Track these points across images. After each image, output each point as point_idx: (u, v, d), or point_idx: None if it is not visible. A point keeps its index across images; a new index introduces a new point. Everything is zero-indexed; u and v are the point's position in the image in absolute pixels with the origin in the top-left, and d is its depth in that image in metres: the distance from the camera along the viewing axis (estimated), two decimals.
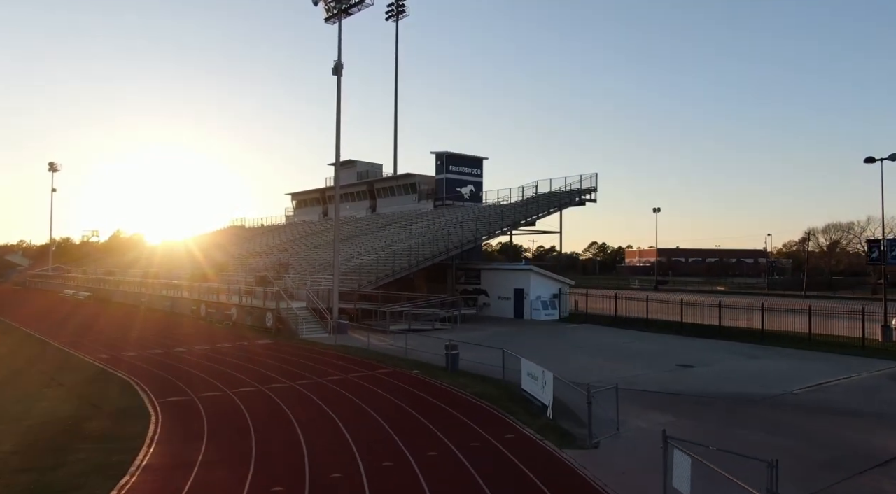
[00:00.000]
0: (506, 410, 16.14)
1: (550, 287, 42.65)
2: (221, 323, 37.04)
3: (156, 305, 47.08)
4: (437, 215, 59.63)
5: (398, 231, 55.36)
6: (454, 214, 57.16)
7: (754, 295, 79.29)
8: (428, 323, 35.95)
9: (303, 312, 33.44)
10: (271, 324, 33.30)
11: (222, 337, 31.79)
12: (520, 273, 42.80)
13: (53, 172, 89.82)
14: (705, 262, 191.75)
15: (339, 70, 35.16)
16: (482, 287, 45.01)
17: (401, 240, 49.81)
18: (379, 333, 33.86)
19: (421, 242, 44.98)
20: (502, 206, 53.80)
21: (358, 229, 63.50)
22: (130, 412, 15.98)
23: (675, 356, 26.05)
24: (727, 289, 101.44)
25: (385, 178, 74.13)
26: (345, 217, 75.85)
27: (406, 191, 69.68)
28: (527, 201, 52.31)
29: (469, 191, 66.40)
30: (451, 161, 65.44)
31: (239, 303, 36.81)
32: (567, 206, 50.27)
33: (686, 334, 33.99)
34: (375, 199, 74.71)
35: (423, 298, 39.60)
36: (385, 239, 52.66)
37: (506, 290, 43.11)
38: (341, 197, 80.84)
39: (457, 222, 52.91)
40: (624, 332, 34.74)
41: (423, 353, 24.78)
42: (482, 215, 52.08)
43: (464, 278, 46.63)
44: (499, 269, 44.74)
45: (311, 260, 51.45)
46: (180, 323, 38.40)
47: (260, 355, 25.76)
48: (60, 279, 75.18)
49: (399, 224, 59.95)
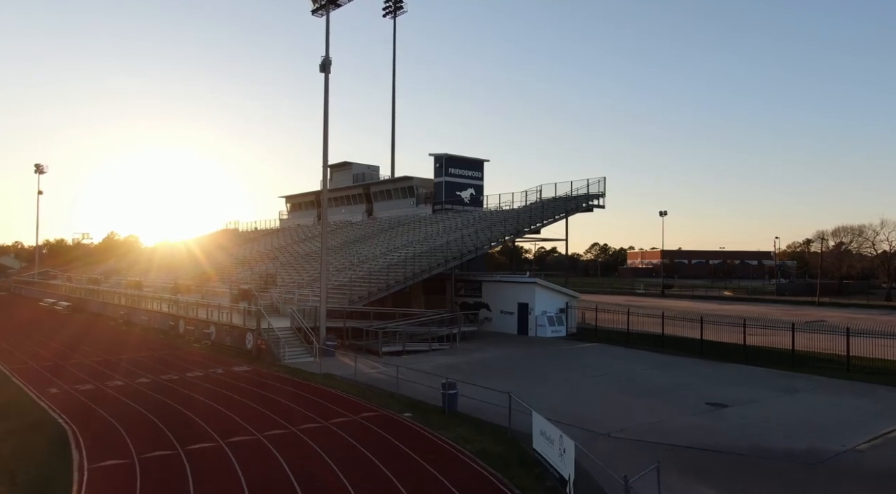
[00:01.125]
0: (514, 482, 13.08)
1: (557, 301, 39.60)
2: (199, 343, 33.99)
3: (134, 319, 44.04)
4: (435, 221, 56.60)
5: (394, 238, 52.33)
6: (454, 220, 54.12)
7: (766, 303, 76.23)
8: (424, 343, 32.92)
9: (286, 333, 30.39)
10: (252, 346, 30.25)
11: (196, 361, 28.73)
12: (524, 286, 39.73)
13: (40, 174, 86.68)
14: (709, 264, 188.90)
15: (327, 67, 32.10)
16: (483, 300, 41.95)
17: (396, 248, 46.78)
18: (370, 355, 30.83)
19: (418, 252, 41.95)
20: (505, 212, 50.74)
21: (353, 235, 60.45)
22: (50, 484, 12.94)
23: (703, 389, 22.99)
24: (734, 295, 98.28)
25: (382, 181, 71.09)
26: (340, 221, 72.85)
27: (404, 195, 66.64)
28: (531, 207, 49.25)
29: (469, 195, 63.38)
30: (451, 163, 62.42)
31: (218, 321, 33.77)
32: (574, 213, 47.22)
33: (708, 356, 30.91)
34: (372, 203, 71.66)
35: (419, 315, 36.57)
36: (380, 246, 49.63)
37: (509, 304, 40.06)
38: (336, 200, 78.04)
39: (456, 229, 49.90)
40: (638, 355, 31.65)
41: (417, 386, 21.76)
42: (483, 222, 49.02)
43: (464, 290, 43.58)
44: (502, 281, 41.66)
45: (301, 270, 48.41)
46: (154, 342, 35.36)
47: (232, 389, 22.70)
48: (43, 286, 72.09)
49: (395, 230, 56.91)
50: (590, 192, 47.48)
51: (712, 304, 74.43)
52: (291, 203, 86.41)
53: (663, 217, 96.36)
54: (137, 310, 44.22)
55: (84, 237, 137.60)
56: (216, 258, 65.97)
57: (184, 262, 68.56)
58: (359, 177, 74.05)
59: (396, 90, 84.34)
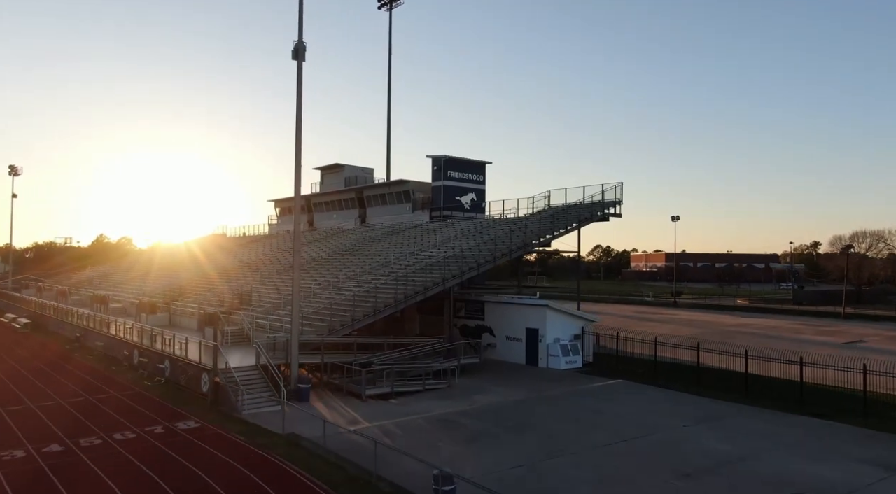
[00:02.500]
0: None
1: (571, 326, 34.37)
2: (151, 381, 28.74)
3: (91, 342, 38.85)
4: (433, 229, 51.35)
5: (387, 249, 47.07)
6: (453, 229, 48.89)
7: (787, 316, 70.75)
8: (417, 382, 27.71)
9: (249, 374, 25.13)
10: (207, 390, 25.00)
11: (135, 412, 23.45)
12: (534, 309, 34.45)
13: (14, 176, 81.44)
14: (714, 268, 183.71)
15: (301, 53, 26.87)
16: (486, 323, 36.72)
17: (388, 262, 41.51)
18: (352, 398, 25.63)
19: (412, 270, 36.65)
20: (511, 221, 45.45)
21: (341, 244, 55.16)
22: None
23: (778, 469, 17.61)
24: (749, 303, 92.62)
25: (375, 185, 65.83)
26: (330, 228, 67.65)
27: (399, 200, 61.38)
28: (539, 215, 43.97)
29: (470, 201, 58.15)
30: (450, 165, 57.18)
31: (173, 355, 28.51)
32: (588, 223, 41.95)
33: (757, 402, 25.57)
34: (365, 208, 66.43)
35: (412, 345, 31.36)
36: (371, 259, 44.37)
37: (516, 329, 34.84)
38: (327, 205, 72.80)
39: (456, 238, 44.70)
40: (676, 399, 26.29)
41: (405, 461, 16.55)
42: (486, 232, 43.78)
43: (464, 311, 38.34)
44: (508, 303, 36.34)
45: (283, 285, 43.00)
46: (100, 377, 30.10)
47: (161, 472, 17.44)
48: (8, 298, 66.80)
49: (389, 240, 51.67)
50: (605, 199, 42.21)
51: (730, 316, 69.14)
52: (281, 207, 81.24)
53: (675, 222, 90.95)
54: (94, 333, 38.98)
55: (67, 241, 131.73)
56: (196, 267, 60.75)
57: (160, 273, 63.34)
58: (351, 181, 68.80)
59: (392, 88, 79.12)
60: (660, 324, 60.26)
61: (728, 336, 49.85)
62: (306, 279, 43.58)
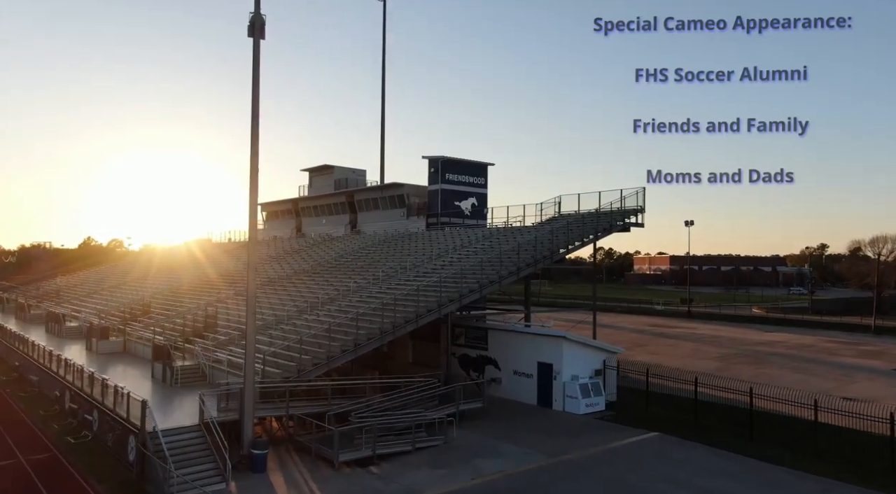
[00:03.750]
0: None
1: (591, 360, 28.83)
2: (76, 438, 23.15)
3: (28, 375, 33.37)
4: (429, 239, 45.84)
5: (377, 262, 41.54)
6: (452, 239, 43.39)
7: (812, 329, 64.83)
8: (406, 439, 22.18)
9: (186, 440, 19.55)
10: (133, 459, 19.44)
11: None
12: (547, 340, 28.84)
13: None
14: (720, 271, 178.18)
15: (257, 29, 21.31)
16: (490, 354, 31.19)
17: (377, 280, 35.95)
18: (321, 468, 20.12)
19: (401, 293, 31.02)
20: (517, 232, 39.89)
21: (328, 255, 49.56)
22: None
23: None
24: (767, 312, 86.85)
25: (367, 188, 60.22)
26: (319, 235, 62.04)
27: (392, 205, 55.83)
28: (550, 225, 38.44)
29: (471, 206, 52.57)
30: (448, 167, 51.64)
31: (102, 404, 22.92)
32: (607, 234, 36.45)
33: (841, 475, 19.94)
34: (356, 214, 60.90)
35: (400, 385, 25.79)
36: (357, 275, 38.82)
37: (526, 363, 29.29)
38: (315, 209, 67.09)
39: (455, 250, 39.21)
40: (735, 469, 20.66)
41: None
42: (490, 244, 38.27)
43: (464, 338, 32.80)
44: (516, 332, 30.70)
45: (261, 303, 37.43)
46: (18, 426, 24.57)
47: None
48: None
49: (380, 250, 46.15)
50: (624, 207, 36.68)
51: (752, 331, 63.35)
52: (268, 211, 75.57)
53: (689, 226, 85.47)
54: (32, 364, 33.43)
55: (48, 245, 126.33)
56: (170, 278, 55.21)
57: (134, 283, 57.89)
58: (341, 183, 63.20)
59: (388, 87, 73.64)
60: (678, 341, 54.83)
61: (759, 359, 44.46)
62: (283, 297, 38.02)
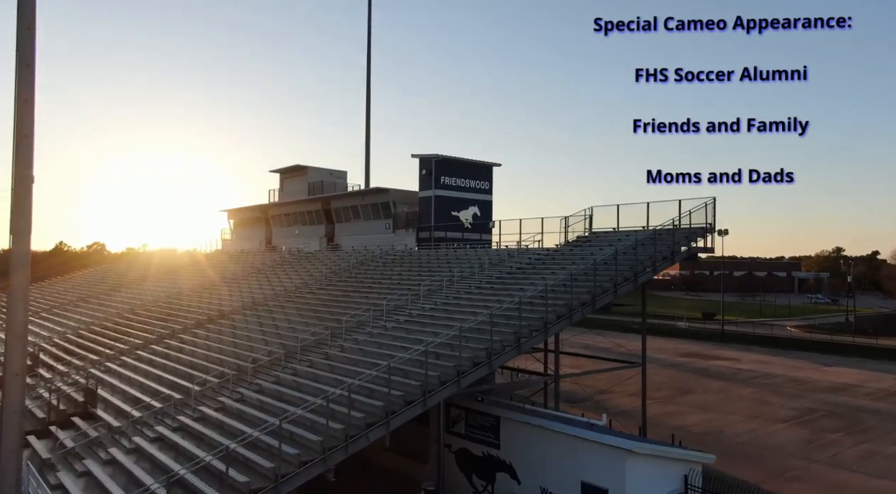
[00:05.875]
0: None
1: (666, 476, 18.25)
2: None
3: None
4: (418, 264, 35.43)
5: (347, 298, 31.01)
6: (448, 266, 32.97)
7: (877, 361, 53.76)
8: None
9: None
10: None
11: None
12: (598, 450, 18.06)
13: None
14: (733, 276, 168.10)
15: None
16: (502, 455, 20.60)
17: (339, 332, 25.30)
18: None
19: (368, 379, 20.30)
20: (538, 260, 29.27)
21: (291, 283, 38.84)
22: None
23: None
24: (810, 335, 74.48)
25: (345, 194, 49.68)
26: (288, 251, 51.56)
27: (376, 214, 45.38)
28: (581, 248, 27.90)
29: (472, 217, 42.22)
30: (444, 169, 41.26)
31: None
32: (665, 266, 26.01)
33: None
34: (333, 224, 50.44)
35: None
36: (319, 319, 28.21)
37: (561, 479, 18.70)
38: (287, 217, 56.41)
39: (451, 284, 28.79)
40: None
41: None
42: (500, 278, 27.75)
43: (464, 424, 22.16)
44: (546, 428, 19.84)
45: (200, 349, 26.82)
46: None
47: None
48: None
49: (354, 277, 35.67)
50: (692, 225, 26.15)
51: (807, 364, 52.33)
52: (235, 219, 65.12)
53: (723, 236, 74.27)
54: None
55: None
56: (103, 304, 44.60)
57: (59, 310, 47.24)
58: (316, 187, 52.70)
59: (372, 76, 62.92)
60: (729, 384, 44.19)
61: (852, 420, 33.86)
62: (220, 346, 27.23)
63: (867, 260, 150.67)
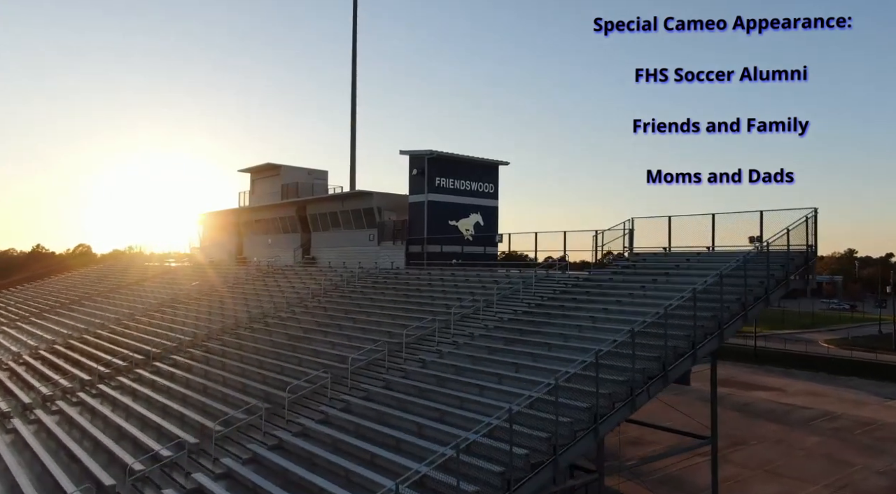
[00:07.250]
0: None
1: None
2: None
3: None
4: (406, 292, 27.55)
5: (306, 344, 23.16)
6: (444, 295, 25.08)
7: None
8: None
9: None
10: None
11: None
12: None
13: None
14: None
15: None
16: None
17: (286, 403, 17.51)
18: None
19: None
20: (557, 287, 21.36)
21: (245, 314, 30.91)
22: None
23: None
24: (850, 354, 65.22)
25: (322, 198, 41.76)
26: (257, 266, 43.65)
27: (358, 223, 37.53)
28: (622, 271, 20.03)
29: (474, 227, 34.42)
30: (440, 168, 33.46)
31: None
32: (758, 306, 18.06)
33: None
34: (310, 233, 42.57)
35: None
36: (262, 379, 20.40)
37: None
38: (257, 224, 48.28)
39: (451, 325, 21.00)
40: None
41: None
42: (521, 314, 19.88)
43: None
44: None
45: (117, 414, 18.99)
46: None
47: None
48: None
49: (323, 310, 27.77)
50: (792, 249, 18.26)
51: (866, 397, 44.04)
52: (206, 225, 57.22)
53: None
54: None
55: None
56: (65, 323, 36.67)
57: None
58: (290, 190, 44.74)
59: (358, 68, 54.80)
60: (785, 429, 36.05)
61: None
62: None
63: (881, 262, 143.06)
